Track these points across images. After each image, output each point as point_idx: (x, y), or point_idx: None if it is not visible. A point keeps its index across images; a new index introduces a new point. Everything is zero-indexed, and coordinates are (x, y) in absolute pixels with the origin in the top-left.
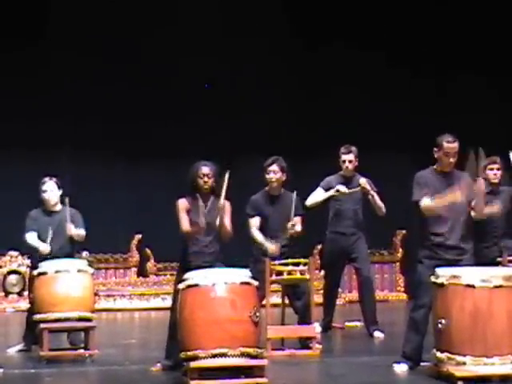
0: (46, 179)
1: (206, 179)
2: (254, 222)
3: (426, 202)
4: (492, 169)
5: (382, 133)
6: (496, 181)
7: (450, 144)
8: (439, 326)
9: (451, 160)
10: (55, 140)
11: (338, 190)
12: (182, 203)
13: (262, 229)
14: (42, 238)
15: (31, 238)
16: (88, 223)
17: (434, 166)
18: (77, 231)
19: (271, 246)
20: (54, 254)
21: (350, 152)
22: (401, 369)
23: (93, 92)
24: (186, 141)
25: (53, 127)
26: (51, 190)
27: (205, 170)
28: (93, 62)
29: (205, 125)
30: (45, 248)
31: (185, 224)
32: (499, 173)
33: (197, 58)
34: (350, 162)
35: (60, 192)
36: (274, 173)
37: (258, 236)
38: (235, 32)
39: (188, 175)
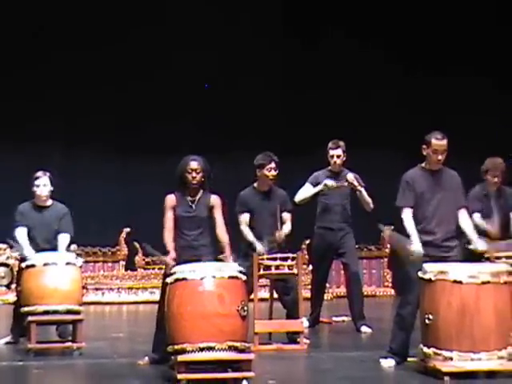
0: (40, 174)
1: (194, 174)
2: (244, 218)
3: (406, 218)
4: (494, 175)
5: (370, 129)
6: (495, 186)
7: (438, 141)
8: (426, 321)
9: (440, 157)
10: (45, 133)
11: (326, 185)
12: (169, 200)
13: (252, 225)
14: (31, 234)
15: (21, 235)
16: (77, 217)
17: (423, 164)
18: (63, 244)
19: (259, 247)
20: (42, 248)
21: (338, 147)
22: (388, 364)
23: (84, 87)
24: (176, 136)
25: (43, 121)
26: (44, 185)
27: (193, 164)
28: (85, 57)
29: (195, 121)
30: (29, 254)
31: (166, 227)
32: (498, 179)
33: (190, 52)
34: (339, 157)
35: (52, 188)
36: (274, 170)
37: (248, 234)
38: (231, 29)
39: (176, 170)
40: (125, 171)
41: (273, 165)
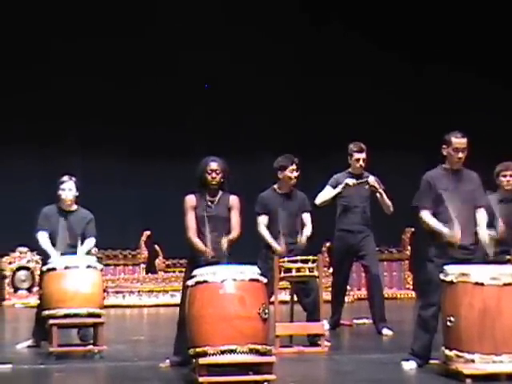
0: (66, 178)
1: (213, 175)
2: (262, 220)
3: (426, 216)
4: (505, 175)
5: (390, 130)
6: (509, 187)
7: (458, 139)
8: (448, 323)
9: (460, 156)
10: (67, 137)
11: (347, 184)
12: (189, 200)
13: (271, 227)
14: (53, 237)
15: (43, 238)
16: (97, 220)
17: (444, 164)
18: (87, 247)
19: (278, 247)
20: (65, 252)
21: (362, 151)
22: (409, 366)
23: (105, 89)
24: (195, 138)
25: (65, 124)
26: (69, 190)
27: (213, 165)
28: (99, 60)
29: (214, 122)
30: (54, 256)
31: (190, 229)
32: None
33: (203, 52)
34: (364, 160)
35: (77, 193)
36: (296, 171)
37: (267, 235)
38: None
39: (196, 171)
40: (145, 174)
41: (294, 166)
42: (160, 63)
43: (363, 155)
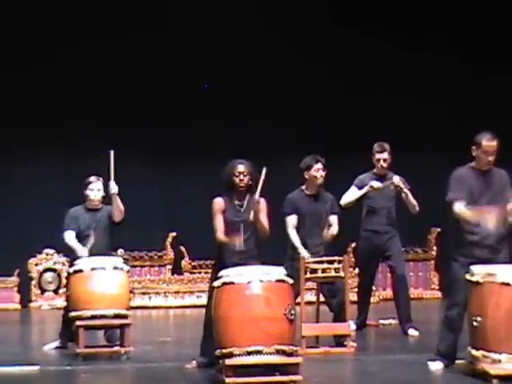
0: (93, 179)
1: (241, 177)
2: (291, 220)
3: (460, 208)
4: None
5: (415, 130)
6: None
7: (489, 142)
8: (474, 323)
9: (490, 159)
10: (92, 137)
11: (372, 186)
12: (218, 203)
13: (298, 228)
14: (81, 236)
15: (70, 237)
16: (124, 222)
17: (472, 164)
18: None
19: (304, 254)
20: (93, 253)
21: (384, 151)
22: (435, 367)
23: (132, 89)
24: (222, 139)
25: (90, 124)
26: (98, 190)
27: (240, 168)
28: (126, 61)
29: (240, 123)
30: (83, 253)
31: (219, 229)
32: None
33: (227, 52)
34: (385, 160)
35: (104, 194)
36: (322, 170)
37: (294, 239)
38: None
39: (223, 173)
40: (171, 175)
41: (320, 165)
42: (184, 63)
43: (385, 155)
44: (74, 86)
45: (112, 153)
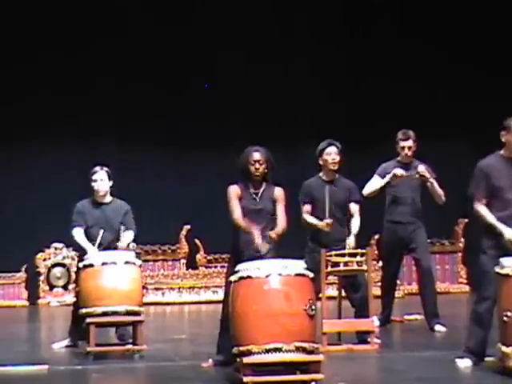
0: (97, 169)
1: (257, 165)
2: (307, 209)
3: (482, 209)
4: None
5: (441, 117)
6: None
7: None
8: (505, 318)
9: None
10: (104, 128)
11: (395, 174)
12: (234, 190)
13: (315, 215)
14: (89, 232)
15: (78, 235)
16: (136, 213)
17: (501, 152)
18: (126, 241)
19: (322, 223)
20: (103, 246)
21: (408, 138)
22: (464, 364)
23: (141, 80)
24: (236, 128)
25: (102, 115)
26: (101, 180)
27: (256, 155)
28: (134, 49)
29: (255, 112)
30: (93, 252)
31: (236, 212)
32: None
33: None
34: (409, 148)
35: (110, 183)
36: (335, 154)
37: (310, 218)
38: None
39: (239, 162)
40: (184, 165)
41: (333, 149)
42: (198, 54)
43: (409, 143)
44: (88, 78)
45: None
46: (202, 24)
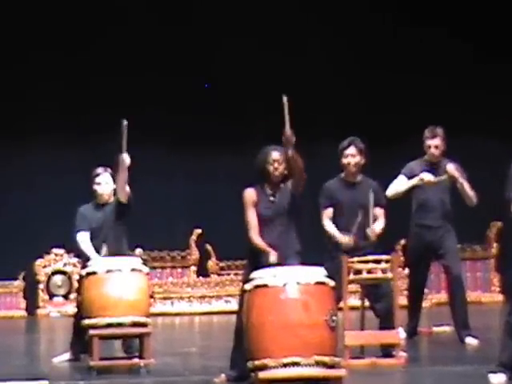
0: (100, 170)
1: (276, 165)
2: (327, 213)
3: None
4: None
5: (472, 115)
6: None
7: None
8: None
9: None
10: (105, 126)
11: (422, 179)
12: (250, 196)
13: (337, 220)
14: (93, 236)
15: (83, 240)
16: (141, 217)
17: None
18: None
19: (343, 239)
20: (105, 252)
21: (435, 136)
22: (497, 379)
23: (150, 76)
24: (251, 126)
25: (105, 112)
26: (106, 183)
27: (275, 155)
28: (145, 50)
29: (272, 107)
30: (96, 258)
31: (253, 227)
32: None
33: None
34: (436, 147)
35: (114, 186)
36: (352, 156)
37: (330, 227)
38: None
39: (256, 162)
40: (194, 165)
41: (352, 150)
42: (213, 53)
43: (436, 141)
44: (96, 74)
45: (125, 123)
46: (207, 21)
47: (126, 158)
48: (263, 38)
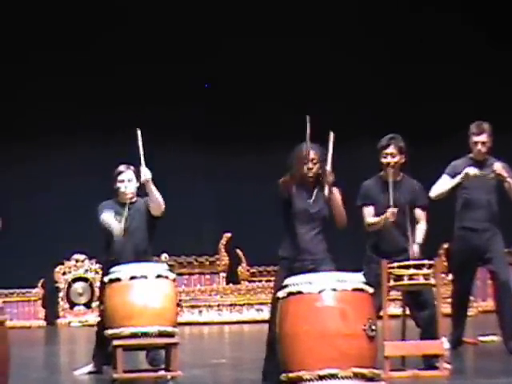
0: (123, 168)
1: (310, 165)
2: (368, 212)
3: None
4: None
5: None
6: None
7: None
8: None
9: None
10: (126, 125)
11: (466, 174)
12: (283, 192)
13: None
14: (114, 241)
15: (107, 216)
16: (165, 220)
17: None
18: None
19: (387, 214)
20: (129, 253)
21: (482, 132)
22: None
23: (174, 73)
24: (282, 122)
25: (129, 109)
26: (129, 181)
27: (310, 153)
28: (167, 47)
29: (304, 103)
30: (118, 229)
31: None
32: None
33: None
34: (483, 143)
35: (138, 184)
36: (392, 156)
37: (373, 219)
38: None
39: (289, 160)
40: (224, 166)
41: (391, 149)
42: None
43: (483, 138)
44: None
45: (139, 132)
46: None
47: (146, 174)
48: (288, 39)
